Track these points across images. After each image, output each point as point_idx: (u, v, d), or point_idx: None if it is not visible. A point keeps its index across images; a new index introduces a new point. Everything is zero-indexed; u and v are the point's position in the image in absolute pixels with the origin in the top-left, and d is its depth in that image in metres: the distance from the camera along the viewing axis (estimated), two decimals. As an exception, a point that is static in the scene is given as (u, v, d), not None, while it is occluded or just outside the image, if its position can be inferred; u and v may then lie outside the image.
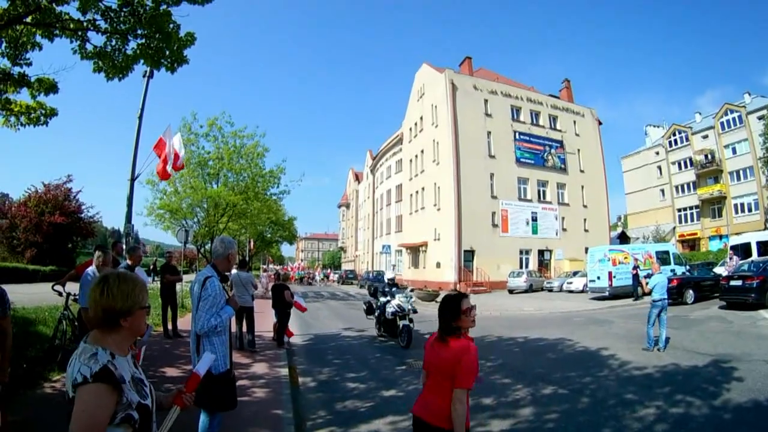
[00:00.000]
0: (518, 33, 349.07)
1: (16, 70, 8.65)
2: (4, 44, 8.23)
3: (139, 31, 8.02)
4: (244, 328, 10.43)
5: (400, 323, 11.31)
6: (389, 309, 11.76)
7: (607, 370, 8.68)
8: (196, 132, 27.47)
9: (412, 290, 13.27)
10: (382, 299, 12.29)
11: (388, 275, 13.59)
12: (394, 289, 12.68)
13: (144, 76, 13.11)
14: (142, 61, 8.43)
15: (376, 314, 12.85)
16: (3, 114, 9.10)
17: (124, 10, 7.80)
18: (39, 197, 30.42)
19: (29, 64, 8.67)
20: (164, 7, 7.85)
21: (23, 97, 9.27)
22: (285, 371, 8.25)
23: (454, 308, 3.01)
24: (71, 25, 7.95)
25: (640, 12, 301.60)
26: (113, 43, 8.15)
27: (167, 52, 8.31)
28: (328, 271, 66.93)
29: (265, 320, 12.76)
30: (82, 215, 32.72)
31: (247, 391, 6.80)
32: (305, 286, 45.90)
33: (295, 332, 13.54)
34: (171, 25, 7.98)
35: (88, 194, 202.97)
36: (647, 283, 10.85)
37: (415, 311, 11.94)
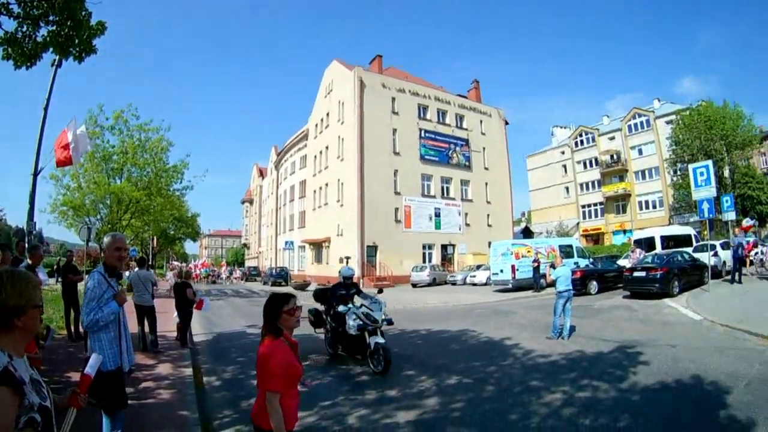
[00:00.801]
0: (431, 34, 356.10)
1: None
2: None
3: (51, 18, 7.66)
4: (147, 329, 9.96)
5: (371, 340, 8.27)
6: (351, 321, 8.58)
7: (512, 358, 8.77)
8: (102, 125, 26.73)
9: (380, 291, 9.82)
10: (341, 308, 8.92)
11: (345, 272, 9.82)
12: (353, 291, 9.58)
13: (52, 65, 12.54)
14: (51, 49, 8.02)
15: (329, 327, 9.69)
16: None
17: (37, -6, 7.43)
18: (-61, 195, 28.34)
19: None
20: (78, -8, 7.48)
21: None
22: (189, 371, 8.06)
23: (276, 309, 3.00)
24: (-18, 9, 7.49)
25: (555, 15, 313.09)
26: (24, 29, 7.74)
27: (77, 41, 7.94)
28: (234, 268, 65.01)
29: (169, 320, 12.17)
30: (-16, 213, 30.69)
31: (152, 393, 6.65)
32: (210, 285, 44.52)
33: (198, 331, 13.21)
34: (83, 13, 7.65)
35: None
36: (551, 273, 11.06)
37: (390, 322, 8.86)
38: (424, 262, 37.18)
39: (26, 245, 10.41)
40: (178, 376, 7.74)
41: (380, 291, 9.81)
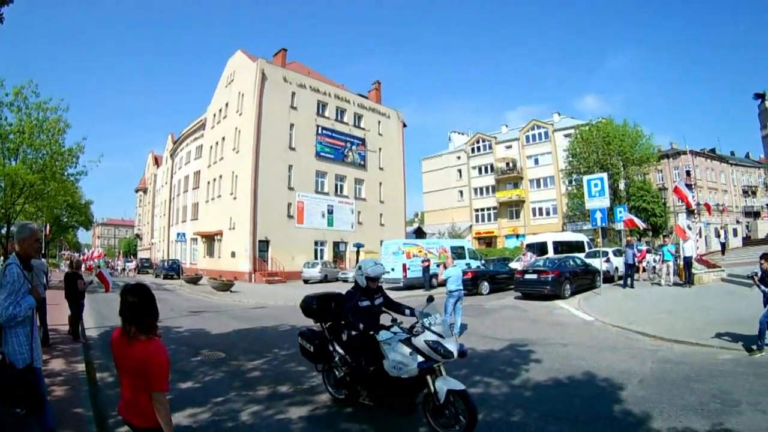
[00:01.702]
0: (337, 33, 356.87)
1: None
2: None
3: None
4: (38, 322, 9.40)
5: (439, 386, 4.85)
6: (402, 356, 5.13)
7: None
8: (1, 100, 25.40)
9: (431, 300, 6.07)
10: (384, 335, 5.43)
11: (372, 268, 5.99)
12: (380, 301, 6.21)
13: None
14: None
15: (341, 359, 6.01)
16: None
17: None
18: None
19: None
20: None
21: None
22: (82, 367, 7.75)
23: (154, 305, 2.86)
24: None
25: (465, 22, 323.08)
26: None
27: None
28: (130, 259, 61.54)
29: (61, 312, 11.49)
30: None
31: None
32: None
33: (90, 325, 12.65)
34: None
35: None
36: (442, 273, 11.09)
37: (463, 353, 5.44)
38: (316, 258, 37.20)
39: None
40: (71, 372, 7.52)
41: (431, 300, 6.05)
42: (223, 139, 42.01)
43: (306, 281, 32.34)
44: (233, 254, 36.98)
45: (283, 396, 6.47)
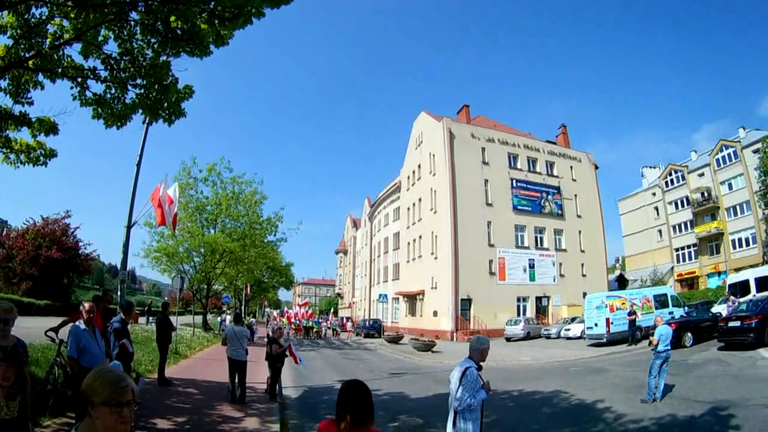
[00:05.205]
0: (516, 79, 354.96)
1: (18, 108, 8.56)
2: (6, 82, 8.13)
3: (138, 81, 8.05)
4: (237, 381, 10.27)
5: None
6: None
7: (602, 424, 8.60)
8: (196, 176, 28.18)
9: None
10: None
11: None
12: None
13: (143, 123, 12.72)
14: (140, 111, 8.44)
15: None
16: (3, 151, 8.97)
17: (125, 58, 7.86)
18: (37, 230, 30.21)
19: (30, 104, 8.60)
20: (164, 58, 7.84)
21: (24, 135, 9.10)
22: (277, 426, 8.14)
23: (370, 400, 2.93)
24: (71, 72, 7.98)
25: (633, 52, 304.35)
26: (113, 91, 8.17)
27: (165, 104, 8.31)
28: (344, 322, 48.82)
29: (260, 370, 12.40)
30: (80, 251, 32.36)
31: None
32: (311, 340, 36.54)
33: (288, 384, 13.33)
34: (170, 77, 8.01)
35: (86, 228, 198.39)
36: (653, 335, 10.83)
37: None
38: (518, 314, 36.45)
39: (115, 294, 11.15)
40: (264, 431, 7.83)
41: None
42: (420, 200, 43.14)
43: (508, 339, 31.84)
44: (435, 313, 37.32)
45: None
